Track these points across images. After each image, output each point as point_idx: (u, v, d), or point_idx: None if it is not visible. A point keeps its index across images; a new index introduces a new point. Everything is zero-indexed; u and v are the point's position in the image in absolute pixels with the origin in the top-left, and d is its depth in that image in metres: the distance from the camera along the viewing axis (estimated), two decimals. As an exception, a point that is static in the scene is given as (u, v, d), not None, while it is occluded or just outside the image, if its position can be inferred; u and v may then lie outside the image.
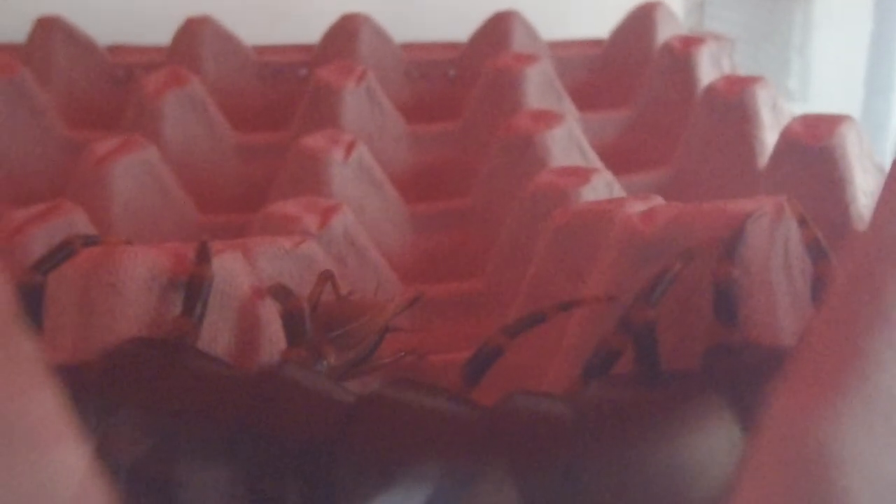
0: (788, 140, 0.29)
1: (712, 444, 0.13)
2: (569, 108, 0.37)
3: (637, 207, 0.20)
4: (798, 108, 0.37)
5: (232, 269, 0.20)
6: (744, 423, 0.13)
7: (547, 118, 0.33)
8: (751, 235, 0.16)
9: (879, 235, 0.10)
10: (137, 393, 0.14)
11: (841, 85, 0.43)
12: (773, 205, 0.17)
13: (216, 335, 0.19)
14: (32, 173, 0.36)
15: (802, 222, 0.17)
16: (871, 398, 0.09)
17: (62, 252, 0.18)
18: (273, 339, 0.22)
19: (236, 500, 0.13)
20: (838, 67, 0.43)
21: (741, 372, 0.14)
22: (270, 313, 0.21)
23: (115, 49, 0.42)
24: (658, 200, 0.22)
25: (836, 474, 0.08)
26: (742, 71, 0.39)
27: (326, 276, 0.23)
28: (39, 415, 0.08)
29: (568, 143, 0.33)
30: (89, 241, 0.19)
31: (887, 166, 0.31)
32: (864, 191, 0.29)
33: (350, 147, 0.32)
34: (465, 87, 0.41)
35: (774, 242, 0.16)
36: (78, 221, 0.26)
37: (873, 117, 0.42)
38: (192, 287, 0.17)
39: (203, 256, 0.19)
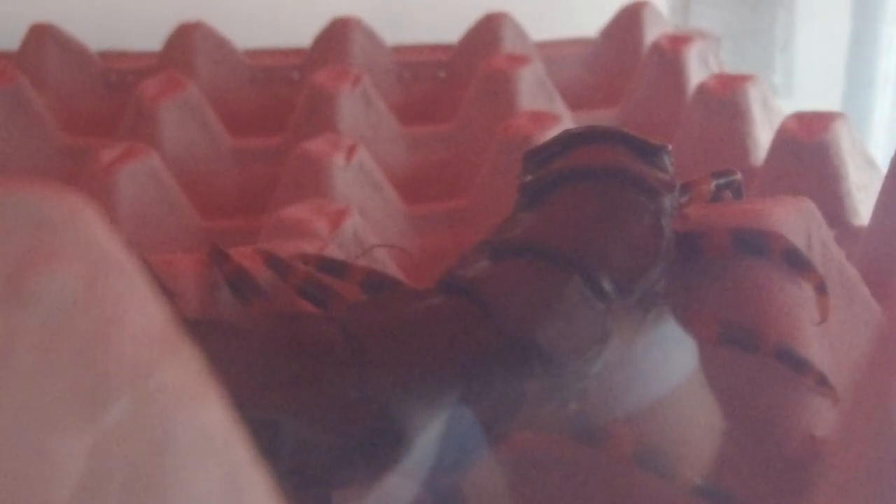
0: (784, 137, 0.30)
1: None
2: (561, 108, 0.38)
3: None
4: (783, 104, 0.38)
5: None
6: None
7: (544, 119, 0.33)
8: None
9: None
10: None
11: (823, 81, 0.44)
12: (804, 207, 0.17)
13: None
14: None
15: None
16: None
17: None
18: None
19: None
20: (820, 64, 0.44)
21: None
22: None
23: (107, 55, 0.42)
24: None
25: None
26: (727, 68, 0.40)
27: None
28: (213, 420, 0.08)
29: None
30: None
31: (876, 160, 0.32)
32: (858, 185, 0.30)
33: (351, 151, 0.33)
34: (456, 88, 0.41)
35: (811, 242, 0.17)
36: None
37: (854, 112, 0.44)
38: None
39: (219, 257, 0.19)
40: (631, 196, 0.16)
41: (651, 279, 0.15)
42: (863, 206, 0.30)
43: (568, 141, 0.18)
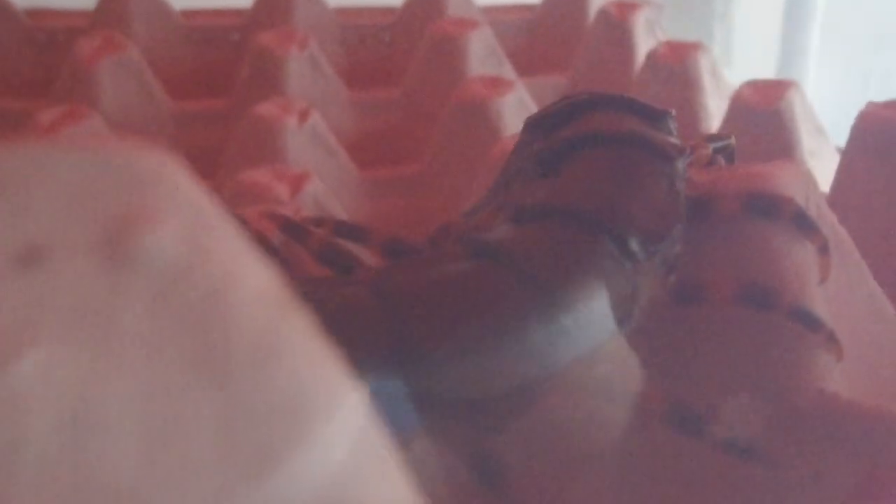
0: (739, 105, 0.30)
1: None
2: (510, 73, 0.38)
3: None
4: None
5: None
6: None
7: (498, 85, 0.33)
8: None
9: None
10: None
11: (760, 50, 0.45)
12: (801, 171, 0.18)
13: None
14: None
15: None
16: None
17: None
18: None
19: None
20: (757, 33, 0.45)
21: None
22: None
23: (35, 13, 0.40)
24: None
25: None
26: (670, 37, 0.40)
27: None
28: (339, 383, 0.08)
29: (519, 109, 0.33)
30: None
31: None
32: (810, 152, 0.31)
33: (304, 114, 0.32)
34: (401, 52, 0.41)
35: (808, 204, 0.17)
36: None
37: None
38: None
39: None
40: (648, 160, 0.16)
41: (673, 240, 0.15)
42: (815, 172, 0.30)
43: (575, 108, 0.18)
